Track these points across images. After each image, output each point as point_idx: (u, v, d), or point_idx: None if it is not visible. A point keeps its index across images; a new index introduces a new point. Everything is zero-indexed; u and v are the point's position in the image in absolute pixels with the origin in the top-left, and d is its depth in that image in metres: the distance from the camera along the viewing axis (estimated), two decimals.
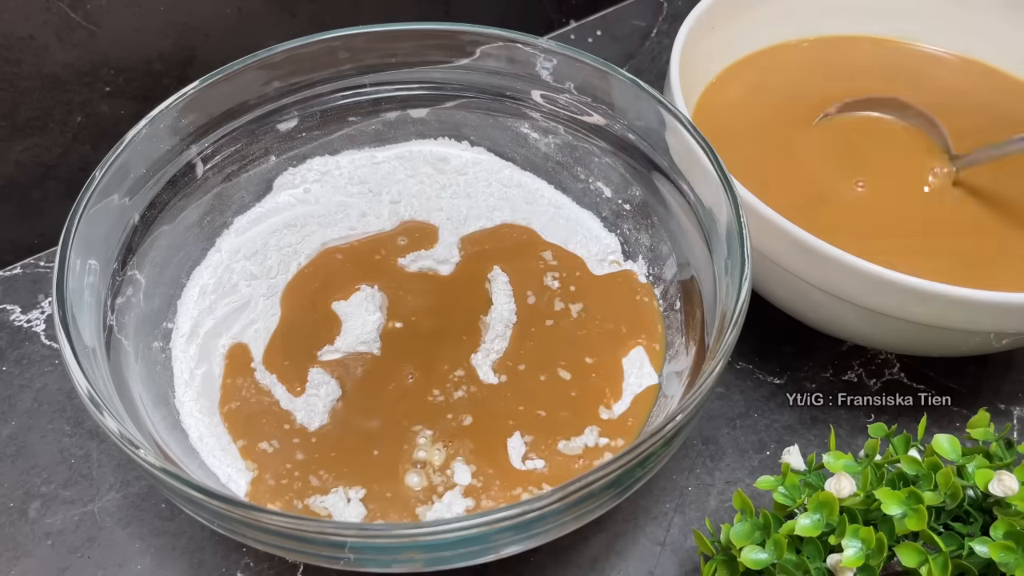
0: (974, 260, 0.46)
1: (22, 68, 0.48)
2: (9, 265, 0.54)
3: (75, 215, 0.38)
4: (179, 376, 0.43)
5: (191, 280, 0.46)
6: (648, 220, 0.48)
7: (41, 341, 0.50)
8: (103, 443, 0.46)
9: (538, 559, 0.42)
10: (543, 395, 0.42)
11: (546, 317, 0.45)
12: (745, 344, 0.49)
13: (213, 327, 0.45)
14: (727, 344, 0.35)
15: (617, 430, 0.41)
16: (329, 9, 0.57)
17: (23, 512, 0.43)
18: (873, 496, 0.34)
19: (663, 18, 0.71)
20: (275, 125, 0.48)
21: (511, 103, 0.49)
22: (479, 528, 0.30)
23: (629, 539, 0.43)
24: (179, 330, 0.44)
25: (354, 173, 0.51)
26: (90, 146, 0.53)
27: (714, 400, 0.47)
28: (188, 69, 0.53)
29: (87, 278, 0.38)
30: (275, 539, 0.32)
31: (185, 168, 0.45)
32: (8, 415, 0.47)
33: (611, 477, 0.31)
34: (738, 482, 0.45)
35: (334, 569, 0.34)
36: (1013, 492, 0.34)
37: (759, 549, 0.34)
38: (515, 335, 0.45)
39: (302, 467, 0.40)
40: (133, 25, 0.50)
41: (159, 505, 0.43)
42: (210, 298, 0.46)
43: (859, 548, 0.33)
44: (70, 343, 0.34)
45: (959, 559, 0.34)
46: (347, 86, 0.49)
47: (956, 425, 0.47)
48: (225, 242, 0.48)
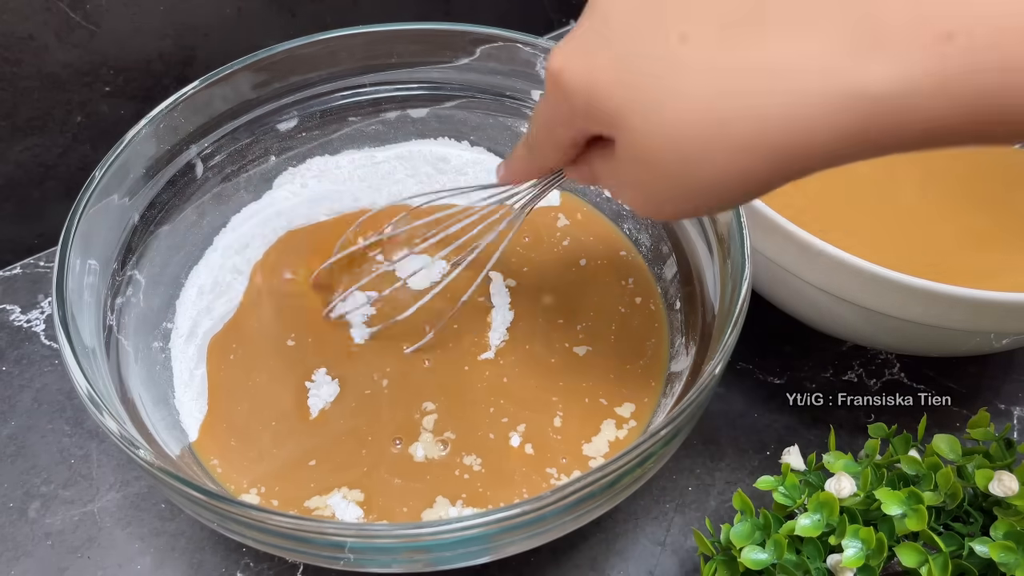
0: (975, 260, 0.46)
1: (22, 68, 0.48)
2: (9, 265, 0.54)
3: (75, 215, 0.38)
4: (179, 376, 0.43)
5: (189, 280, 0.46)
6: (648, 220, 0.48)
7: (41, 341, 0.50)
8: (103, 443, 0.46)
9: (538, 559, 0.42)
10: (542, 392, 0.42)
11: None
12: (745, 344, 0.49)
13: (211, 327, 0.45)
14: (727, 344, 0.35)
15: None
16: (329, 9, 0.57)
17: (23, 512, 0.43)
18: (873, 496, 0.34)
19: None
20: (275, 125, 0.48)
21: (511, 103, 0.49)
22: (479, 528, 0.30)
23: (629, 539, 0.43)
24: (178, 330, 0.44)
25: (353, 173, 0.51)
26: (90, 146, 0.53)
27: (714, 400, 0.47)
28: (188, 69, 0.53)
29: (87, 278, 0.38)
30: (275, 539, 0.32)
31: (185, 168, 0.45)
32: (8, 415, 0.47)
33: (611, 477, 0.31)
34: (738, 482, 0.45)
35: (334, 569, 0.34)
36: (1013, 492, 0.34)
37: (759, 549, 0.34)
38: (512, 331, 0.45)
39: (301, 462, 0.40)
40: (133, 25, 0.50)
41: (159, 505, 0.43)
42: (207, 298, 0.46)
43: (859, 548, 0.33)
44: (70, 343, 0.34)
45: (959, 559, 0.34)
46: (347, 86, 0.49)
47: (956, 425, 0.47)
48: (222, 240, 0.48)
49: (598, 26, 0.25)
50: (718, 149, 0.23)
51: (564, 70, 0.26)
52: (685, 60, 0.23)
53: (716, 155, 0.23)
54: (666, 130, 0.23)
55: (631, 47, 0.24)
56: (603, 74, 0.24)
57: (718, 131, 0.23)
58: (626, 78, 0.24)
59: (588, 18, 0.26)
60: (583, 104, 0.26)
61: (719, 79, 0.22)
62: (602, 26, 0.25)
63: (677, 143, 0.23)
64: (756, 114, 0.22)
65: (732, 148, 0.23)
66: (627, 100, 0.24)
